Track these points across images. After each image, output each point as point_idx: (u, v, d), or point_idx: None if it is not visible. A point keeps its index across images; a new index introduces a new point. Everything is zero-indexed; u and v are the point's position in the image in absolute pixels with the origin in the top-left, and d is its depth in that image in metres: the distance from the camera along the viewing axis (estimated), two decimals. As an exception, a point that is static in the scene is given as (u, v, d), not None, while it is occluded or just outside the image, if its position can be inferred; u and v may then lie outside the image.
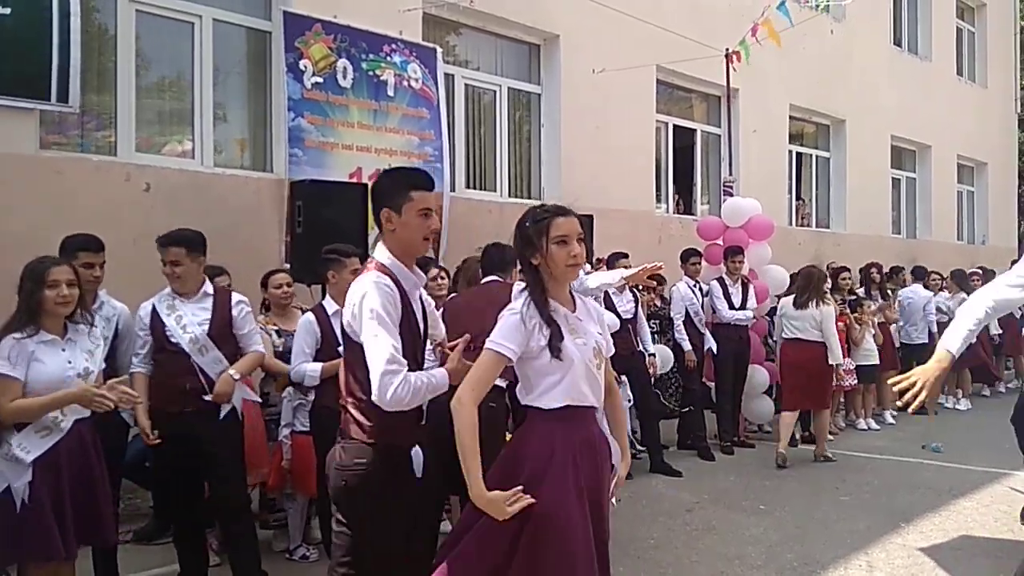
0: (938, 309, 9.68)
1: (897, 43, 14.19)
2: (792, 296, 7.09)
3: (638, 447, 6.58)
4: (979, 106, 16.02)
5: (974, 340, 3.52)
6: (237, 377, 3.76)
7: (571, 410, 2.42)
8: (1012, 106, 17.53)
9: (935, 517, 5.27)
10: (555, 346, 2.37)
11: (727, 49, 8.57)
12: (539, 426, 2.43)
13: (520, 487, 2.29)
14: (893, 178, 14.16)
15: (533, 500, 2.28)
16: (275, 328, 4.67)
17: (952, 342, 3.27)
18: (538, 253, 2.43)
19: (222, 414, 3.76)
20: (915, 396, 3.07)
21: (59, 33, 5.04)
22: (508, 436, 3.12)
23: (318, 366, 4.10)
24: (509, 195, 8.52)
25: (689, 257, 7.48)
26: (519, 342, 2.37)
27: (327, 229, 5.07)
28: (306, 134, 6.40)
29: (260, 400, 4.45)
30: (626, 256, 6.66)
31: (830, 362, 6.85)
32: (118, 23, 5.83)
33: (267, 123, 6.62)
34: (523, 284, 2.52)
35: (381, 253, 2.58)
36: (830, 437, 7.78)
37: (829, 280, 7.65)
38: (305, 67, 6.40)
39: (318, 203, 5.29)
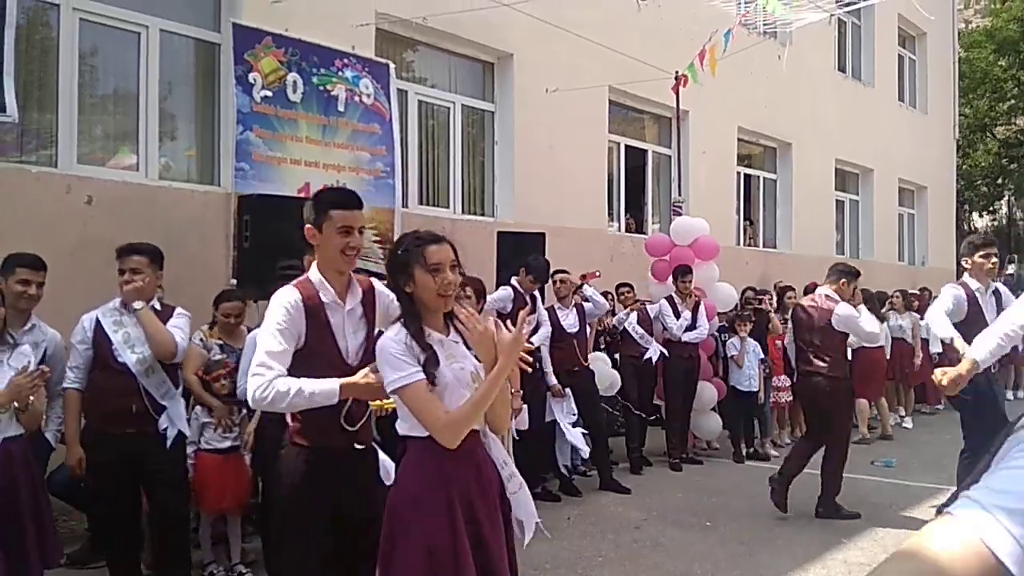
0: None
1: (841, 69, 14.60)
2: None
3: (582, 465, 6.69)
4: (920, 131, 16.56)
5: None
6: None
7: None
8: (951, 131, 18.17)
9: (875, 533, 5.38)
10: (430, 372, 2.30)
11: (678, 72, 8.72)
12: (417, 455, 2.35)
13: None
14: (837, 200, 14.54)
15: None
16: (219, 342, 4.57)
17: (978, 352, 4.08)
18: (411, 281, 2.37)
19: (170, 440, 3.69)
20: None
21: (-7, 41, 4.90)
22: None
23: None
24: (462, 212, 8.53)
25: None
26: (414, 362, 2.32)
27: (275, 244, 5.00)
28: (254, 148, 6.32)
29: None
30: (566, 272, 6.64)
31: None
32: (60, 32, 5.70)
33: (215, 136, 6.53)
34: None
35: (312, 270, 2.76)
36: (775, 454, 7.94)
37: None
38: (254, 80, 6.32)
39: (266, 218, 5.21)
